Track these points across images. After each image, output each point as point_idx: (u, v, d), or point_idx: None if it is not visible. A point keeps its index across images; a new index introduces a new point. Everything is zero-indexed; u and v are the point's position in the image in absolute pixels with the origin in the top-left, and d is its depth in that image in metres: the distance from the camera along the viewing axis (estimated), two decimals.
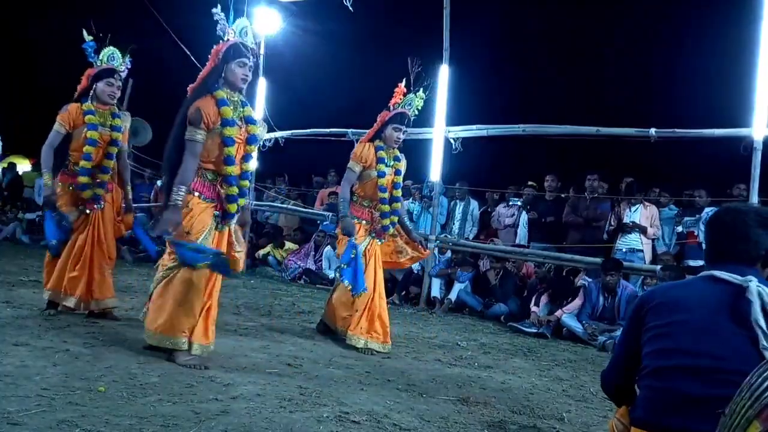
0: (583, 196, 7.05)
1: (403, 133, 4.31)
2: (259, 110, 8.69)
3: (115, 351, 3.30)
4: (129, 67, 4.32)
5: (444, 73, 7.06)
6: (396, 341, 4.65)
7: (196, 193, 3.24)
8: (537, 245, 7.14)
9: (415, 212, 8.88)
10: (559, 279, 6.62)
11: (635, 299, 1.95)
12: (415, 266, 7.39)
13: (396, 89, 4.32)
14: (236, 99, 3.33)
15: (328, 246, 8.49)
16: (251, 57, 3.32)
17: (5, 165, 14.15)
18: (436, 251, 7.28)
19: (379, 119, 4.34)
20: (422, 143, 7.45)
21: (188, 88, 3.34)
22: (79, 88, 4.23)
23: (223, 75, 3.28)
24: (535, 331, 5.79)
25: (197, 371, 3.03)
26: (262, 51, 8.85)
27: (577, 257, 6.45)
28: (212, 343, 3.32)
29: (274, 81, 9.15)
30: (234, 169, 3.28)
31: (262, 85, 8.96)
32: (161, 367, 3.05)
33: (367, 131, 4.49)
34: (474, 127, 7.23)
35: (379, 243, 4.36)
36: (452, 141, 7.18)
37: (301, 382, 3.06)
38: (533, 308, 6.14)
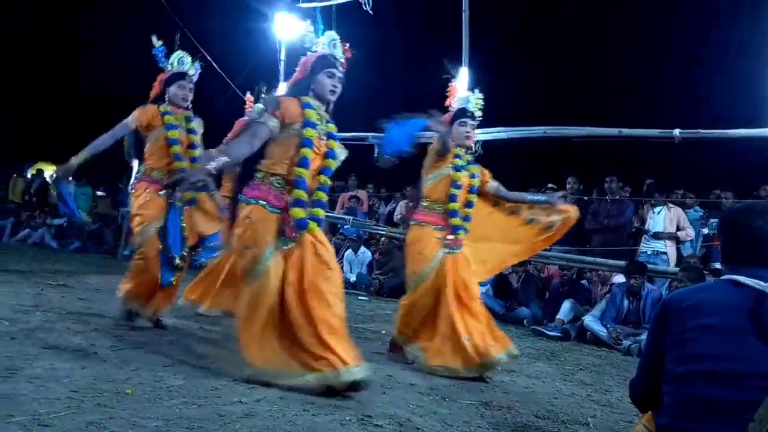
0: (605, 198, 6.97)
1: (471, 128, 3.95)
2: None
3: (141, 354, 3.35)
4: (200, 70, 4.27)
5: (463, 76, 7.04)
6: None
7: (261, 202, 2.98)
8: (559, 248, 7.07)
9: None
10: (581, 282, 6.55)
11: (659, 303, 1.92)
12: None
13: (448, 89, 4.10)
14: (322, 112, 3.18)
15: (349, 249, 8.53)
16: (340, 69, 3.21)
17: (34, 171, 14.47)
18: None
19: (449, 119, 4.01)
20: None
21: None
22: (151, 94, 4.17)
23: (311, 87, 3.17)
24: (559, 335, 5.73)
25: (222, 374, 3.06)
26: (282, 57, 8.93)
27: (600, 260, 6.37)
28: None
29: None
30: (306, 173, 3.02)
31: (282, 91, 9.02)
32: (186, 370, 3.09)
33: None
34: (494, 129, 7.20)
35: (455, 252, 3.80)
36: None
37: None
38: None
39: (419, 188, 3.99)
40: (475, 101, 4.04)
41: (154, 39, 4.17)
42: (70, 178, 4.04)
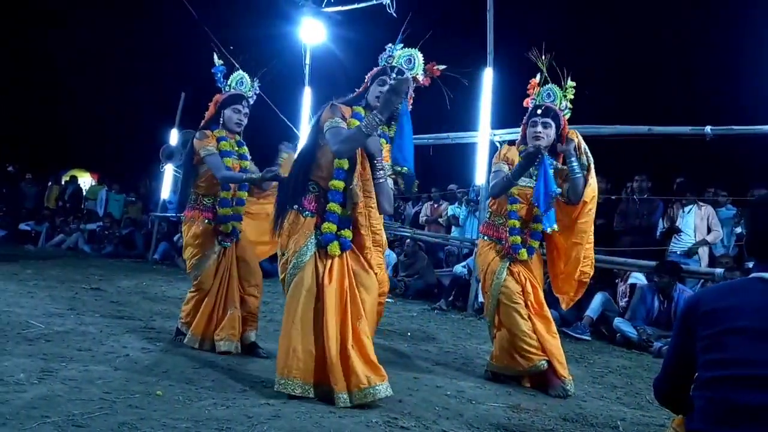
0: (633, 198, 6.85)
1: (543, 126, 3.51)
2: (305, 119, 8.84)
3: (171, 356, 3.42)
4: (257, 92, 4.06)
5: (488, 76, 7.01)
6: (444, 348, 4.64)
7: (305, 212, 2.97)
8: None
9: (461, 216, 8.85)
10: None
11: (683, 304, 1.85)
12: (463, 271, 7.35)
13: (528, 87, 3.70)
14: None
15: None
16: (408, 90, 3.05)
17: (67, 178, 14.87)
18: None
19: (522, 125, 3.71)
20: (467, 147, 7.40)
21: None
22: (206, 115, 3.95)
23: (366, 97, 3.11)
24: (588, 338, 5.65)
25: (250, 376, 3.10)
26: (307, 61, 9.00)
27: (630, 260, 6.26)
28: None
29: (319, 91, 9.28)
30: (339, 184, 2.95)
31: (307, 95, 9.10)
32: (215, 372, 3.14)
33: (414, 137, 4.25)
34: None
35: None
36: (498, 144, 7.10)
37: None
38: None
39: None
40: (566, 93, 3.62)
41: (215, 57, 3.97)
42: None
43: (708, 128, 5.78)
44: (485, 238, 3.72)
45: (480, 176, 7.20)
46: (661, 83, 10.02)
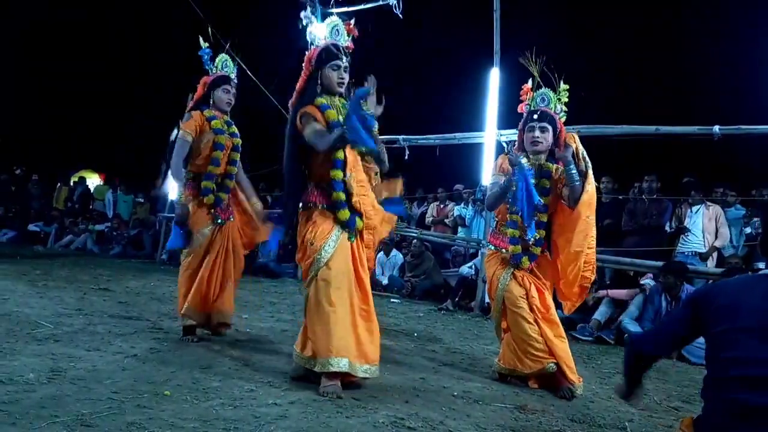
0: (641, 198, 6.82)
1: (540, 131, 3.47)
2: None
3: (179, 356, 3.43)
4: (237, 74, 4.22)
5: (495, 77, 7.00)
6: (450, 348, 4.64)
7: (320, 206, 3.10)
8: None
9: (467, 217, 8.84)
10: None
11: (693, 290, 1.87)
12: (469, 272, 7.35)
13: (521, 93, 3.68)
14: (338, 103, 3.17)
15: (381, 252, 8.54)
16: (345, 57, 3.16)
17: (76, 179, 14.94)
18: None
19: (518, 131, 3.68)
20: (474, 147, 7.40)
21: (289, 105, 3.25)
22: (195, 96, 4.11)
23: (319, 82, 3.15)
24: (591, 339, 5.62)
25: (257, 376, 3.11)
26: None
27: (637, 261, 6.24)
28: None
29: None
30: (338, 174, 3.06)
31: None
32: (222, 372, 3.15)
33: (419, 137, 4.31)
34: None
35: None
36: (504, 144, 7.09)
37: (356, 388, 3.08)
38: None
39: None
40: (559, 96, 3.59)
41: (201, 41, 4.11)
42: (191, 222, 3.94)
43: (716, 128, 5.75)
44: (491, 247, 3.75)
45: (486, 176, 7.19)
46: (670, 83, 9.96)
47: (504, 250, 3.62)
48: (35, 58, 15.84)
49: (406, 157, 7.38)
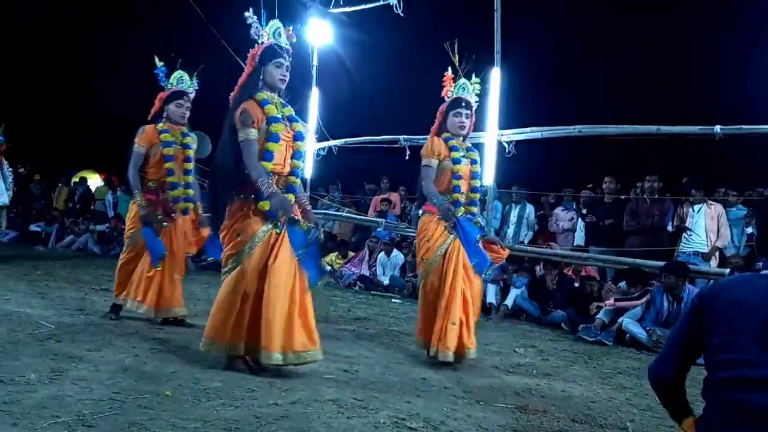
0: (643, 198, 6.81)
1: (466, 117, 4.04)
2: (312, 120, 8.85)
3: (179, 356, 3.44)
4: (197, 88, 4.64)
5: (496, 76, 6.99)
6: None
7: (252, 196, 3.23)
8: (596, 249, 6.95)
9: None
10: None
11: (696, 295, 1.83)
12: None
13: (444, 79, 4.14)
14: (277, 100, 3.38)
15: (382, 252, 8.54)
16: (287, 57, 3.37)
17: (77, 179, 14.93)
18: None
19: (438, 113, 4.15)
20: (474, 147, 7.38)
21: (230, 97, 3.41)
22: (152, 110, 4.56)
23: (262, 78, 3.34)
24: (594, 340, 5.61)
25: (258, 377, 3.11)
26: (315, 62, 9.02)
27: (639, 261, 6.23)
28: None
29: (327, 91, 9.30)
30: (277, 167, 3.28)
31: (315, 96, 9.12)
32: (223, 373, 3.15)
33: (419, 137, 4.46)
34: (528, 129, 7.11)
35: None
36: (505, 144, 7.09)
37: (357, 388, 3.09)
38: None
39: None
40: (473, 86, 4.10)
41: (156, 60, 4.52)
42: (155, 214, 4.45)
43: (717, 128, 5.73)
44: (428, 213, 4.02)
45: (488, 176, 7.18)
46: (671, 82, 9.95)
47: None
48: (35, 58, 15.82)
49: (407, 157, 7.39)
